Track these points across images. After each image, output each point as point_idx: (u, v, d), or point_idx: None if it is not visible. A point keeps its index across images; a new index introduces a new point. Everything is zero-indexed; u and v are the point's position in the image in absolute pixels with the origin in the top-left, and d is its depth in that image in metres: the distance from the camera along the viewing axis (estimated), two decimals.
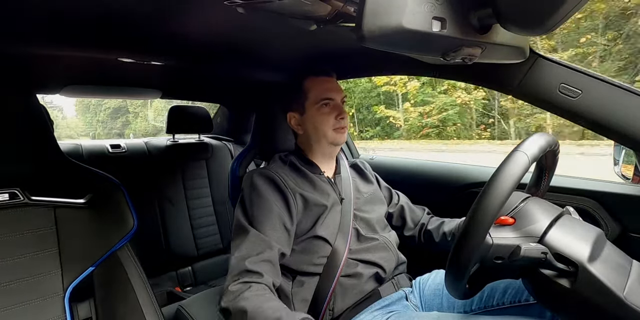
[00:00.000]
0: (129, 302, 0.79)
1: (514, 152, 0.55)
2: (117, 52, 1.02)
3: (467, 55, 0.55)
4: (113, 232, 0.82)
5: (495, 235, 0.57)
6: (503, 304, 0.77)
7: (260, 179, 0.88)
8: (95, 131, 25.94)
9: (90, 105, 26.90)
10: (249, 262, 0.75)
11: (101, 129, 26.18)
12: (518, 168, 0.53)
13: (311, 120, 0.93)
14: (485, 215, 0.52)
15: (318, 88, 0.93)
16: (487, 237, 0.56)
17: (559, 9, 0.44)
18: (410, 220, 1.06)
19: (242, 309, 0.67)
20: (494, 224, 0.57)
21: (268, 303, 0.67)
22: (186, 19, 0.79)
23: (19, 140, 0.73)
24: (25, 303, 0.73)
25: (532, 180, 0.74)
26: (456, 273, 0.57)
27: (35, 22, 0.77)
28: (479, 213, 0.52)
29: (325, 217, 0.88)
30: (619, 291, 0.50)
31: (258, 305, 0.66)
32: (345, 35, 0.86)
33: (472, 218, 0.53)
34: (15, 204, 0.75)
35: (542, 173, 0.72)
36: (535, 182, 0.73)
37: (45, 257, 0.77)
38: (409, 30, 0.45)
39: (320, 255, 0.85)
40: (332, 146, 0.95)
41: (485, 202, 0.52)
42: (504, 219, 0.60)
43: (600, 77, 0.70)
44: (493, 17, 0.50)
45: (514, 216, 0.60)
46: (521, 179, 0.53)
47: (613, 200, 0.89)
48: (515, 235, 0.58)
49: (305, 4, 0.60)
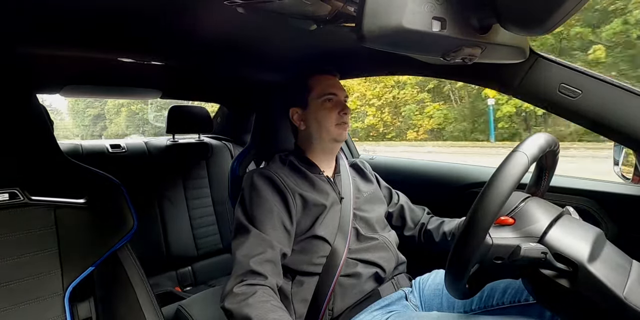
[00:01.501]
0: (129, 302, 0.79)
1: (513, 152, 0.55)
2: (117, 52, 1.02)
3: (467, 55, 0.55)
4: (113, 232, 0.82)
5: (495, 236, 0.57)
6: (503, 304, 0.77)
7: (260, 179, 0.88)
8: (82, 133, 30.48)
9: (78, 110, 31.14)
10: (253, 262, 0.75)
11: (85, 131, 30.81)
12: (517, 169, 0.53)
13: (314, 115, 0.94)
14: (485, 215, 0.52)
15: (322, 84, 0.94)
16: (487, 238, 0.56)
17: (559, 9, 0.44)
18: (410, 220, 1.06)
19: (247, 317, 0.67)
20: (493, 224, 0.57)
21: (273, 314, 0.67)
22: (186, 19, 0.79)
23: (19, 140, 0.73)
24: (25, 303, 0.73)
25: (532, 180, 0.74)
26: (456, 273, 0.57)
27: (35, 22, 0.77)
28: (478, 213, 0.53)
29: (325, 216, 0.88)
30: (619, 291, 0.50)
31: (263, 315, 0.67)
32: (345, 35, 0.86)
33: (471, 218, 0.53)
34: (15, 203, 0.75)
35: (542, 173, 0.72)
36: (535, 181, 0.73)
37: (45, 257, 0.77)
38: (409, 30, 0.45)
39: (320, 255, 0.85)
40: (333, 142, 0.95)
41: (485, 202, 0.52)
42: (504, 219, 0.60)
43: (600, 77, 0.70)
44: (493, 17, 0.50)
45: (513, 216, 0.60)
46: (521, 179, 0.53)
47: (613, 201, 0.89)
48: (515, 236, 0.58)
49: (306, 4, 0.60)
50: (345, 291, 0.84)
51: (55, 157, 0.81)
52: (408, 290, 0.92)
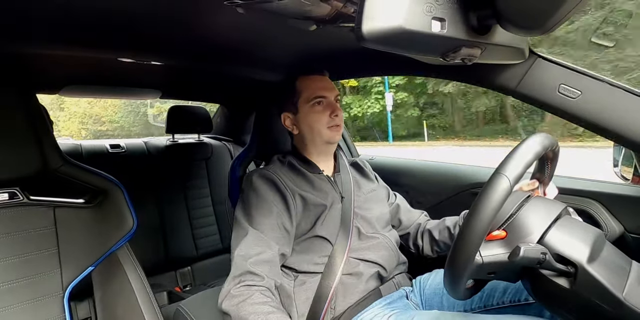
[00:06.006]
0: (128, 302, 0.79)
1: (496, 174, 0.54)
2: (117, 52, 1.02)
3: (467, 56, 0.55)
4: (112, 232, 0.82)
5: (485, 254, 0.56)
6: (503, 303, 0.77)
7: (260, 180, 0.88)
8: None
9: None
10: (250, 262, 0.75)
11: None
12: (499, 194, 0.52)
13: (305, 119, 0.93)
14: (469, 243, 0.52)
15: (310, 87, 0.93)
16: (477, 257, 0.55)
17: (558, 9, 0.44)
18: (406, 220, 1.06)
19: (245, 319, 0.67)
20: (484, 240, 0.56)
21: (271, 316, 0.68)
22: (186, 19, 0.79)
23: (18, 140, 0.73)
24: (25, 302, 0.73)
25: (536, 168, 0.73)
26: (452, 286, 0.58)
27: (35, 21, 0.77)
28: (463, 241, 0.53)
29: (325, 216, 0.88)
30: (618, 292, 0.50)
31: (261, 317, 0.67)
32: (345, 35, 0.86)
33: (456, 246, 0.54)
34: (15, 203, 0.75)
35: (544, 163, 0.71)
36: (539, 169, 0.73)
37: (45, 257, 0.77)
38: (409, 31, 0.45)
39: (321, 255, 0.85)
40: (327, 145, 0.95)
41: (468, 230, 0.52)
42: (495, 234, 0.59)
43: (600, 77, 0.70)
44: (493, 18, 0.50)
45: (506, 228, 0.59)
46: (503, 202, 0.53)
47: (613, 201, 0.89)
48: (506, 251, 0.57)
49: (305, 4, 0.60)
50: (346, 290, 0.84)
51: (55, 157, 0.81)
52: (409, 290, 0.92)
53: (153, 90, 1.62)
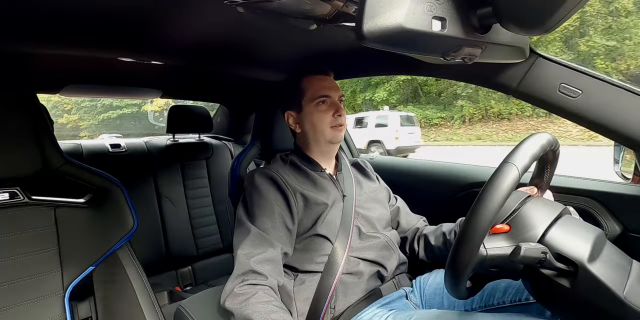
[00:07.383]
0: (129, 302, 0.79)
1: (504, 163, 0.54)
2: (117, 52, 1.02)
3: (467, 55, 0.55)
4: (113, 231, 0.82)
5: (489, 246, 0.57)
6: (504, 303, 0.77)
7: (261, 179, 0.88)
8: None
9: None
10: (254, 261, 0.75)
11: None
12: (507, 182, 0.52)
13: (308, 118, 0.93)
14: (475, 232, 0.52)
15: (315, 86, 0.93)
16: (481, 249, 0.55)
17: (559, 8, 0.44)
18: (404, 223, 1.05)
19: (248, 318, 0.68)
20: (488, 233, 0.56)
21: (274, 315, 0.68)
22: (186, 19, 0.79)
23: (19, 140, 0.73)
24: (26, 302, 0.73)
25: (535, 173, 0.73)
26: (453, 280, 0.57)
27: (35, 21, 0.77)
28: (469, 229, 0.53)
29: (326, 215, 0.88)
30: (619, 291, 0.50)
31: (264, 316, 0.67)
32: (345, 35, 0.86)
33: (463, 234, 0.53)
34: (15, 203, 0.75)
35: (544, 166, 0.71)
36: (538, 174, 0.73)
37: (45, 257, 0.77)
38: (409, 30, 0.45)
39: (322, 254, 0.85)
40: (329, 144, 0.95)
41: (475, 219, 0.52)
42: (499, 227, 0.59)
43: (601, 77, 0.70)
44: (493, 17, 0.50)
45: (509, 222, 0.59)
46: (511, 191, 0.52)
47: (613, 200, 0.89)
48: (510, 244, 0.57)
49: (306, 3, 0.60)
50: (347, 289, 0.84)
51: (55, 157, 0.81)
52: (409, 290, 0.92)
53: (153, 89, 1.62)
